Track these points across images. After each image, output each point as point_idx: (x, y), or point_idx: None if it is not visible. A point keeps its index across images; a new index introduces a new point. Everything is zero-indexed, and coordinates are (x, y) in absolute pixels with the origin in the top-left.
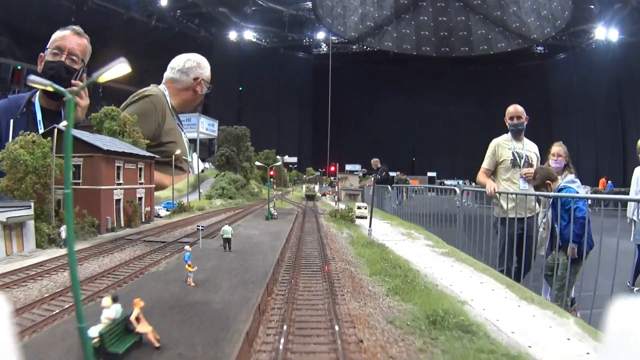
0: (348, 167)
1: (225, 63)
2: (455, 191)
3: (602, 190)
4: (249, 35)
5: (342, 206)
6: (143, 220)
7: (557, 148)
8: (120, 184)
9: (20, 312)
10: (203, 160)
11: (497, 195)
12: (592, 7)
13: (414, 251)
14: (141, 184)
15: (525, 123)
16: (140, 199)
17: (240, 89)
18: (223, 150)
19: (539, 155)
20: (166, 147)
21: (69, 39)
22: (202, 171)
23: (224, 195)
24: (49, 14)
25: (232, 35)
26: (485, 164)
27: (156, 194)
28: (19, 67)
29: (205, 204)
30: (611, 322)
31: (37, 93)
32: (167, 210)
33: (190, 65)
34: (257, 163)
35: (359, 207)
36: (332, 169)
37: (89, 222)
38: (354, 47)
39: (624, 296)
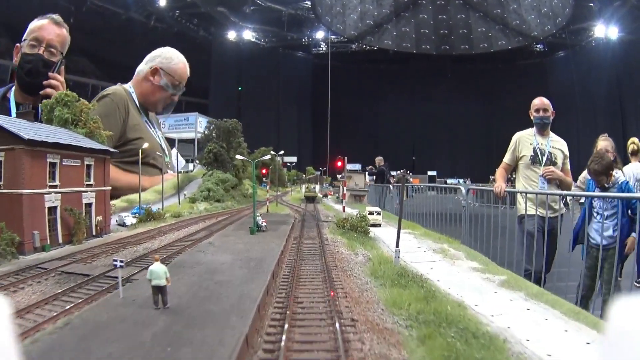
0: (348, 166)
1: (224, 63)
2: (456, 190)
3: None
4: (248, 35)
5: (348, 210)
6: (94, 233)
7: (604, 142)
8: (55, 187)
9: None
10: (192, 161)
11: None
12: (592, 4)
13: (464, 284)
14: (90, 185)
15: (552, 117)
16: (88, 205)
17: (240, 88)
18: (211, 146)
19: (567, 152)
20: (133, 144)
21: (47, 29)
22: (187, 171)
23: (210, 197)
24: (48, 14)
25: (231, 35)
26: (506, 159)
27: (131, 197)
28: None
29: (185, 209)
30: (611, 321)
31: (13, 88)
32: (134, 217)
33: (154, 55)
34: (239, 157)
35: (370, 213)
36: (339, 164)
37: (6, 239)
38: (353, 46)
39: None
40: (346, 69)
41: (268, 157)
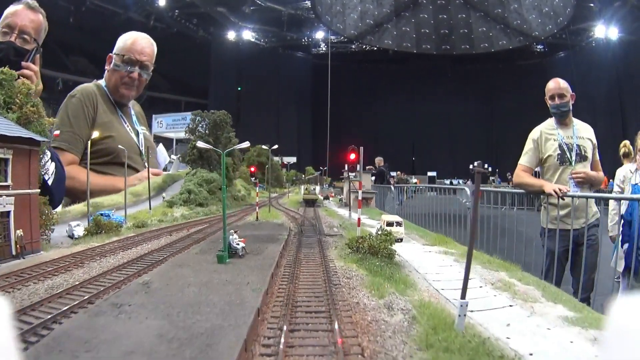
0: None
1: (224, 63)
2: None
3: (605, 189)
4: (248, 35)
5: (355, 216)
6: (13, 252)
7: None
8: None
9: None
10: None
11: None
12: (592, 5)
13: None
14: (4, 187)
15: (572, 102)
16: (4, 215)
17: (240, 88)
18: (195, 141)
19: (594, 140)
20: (103, 143)
21: (20, 15)
22: (165, 169)
23: (191, 201)
24: (47, 14)
25: (231, 35)
26: (525, 161)
27: (97, 200)
28: None
29: (157, 216)
30: (611, 321)
31: None
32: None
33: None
34: (201, 144)
35: (389, 224)
36: (352, 156)
37: None
38: (353, 46)
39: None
40: (346, 69)
41: (246, 144)
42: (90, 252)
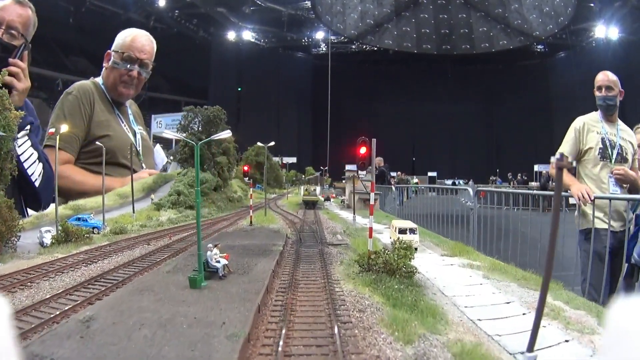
0: (348, 167)
1: (224, 63)
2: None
3: None
4: (248, 35)
5: (361, 220)
6: None
7: None
8: None
9: None
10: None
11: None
12: (592, 5)
13: None
14: None
15: (620, 99)
16: None
17: (240, 89)
18: (187, 138)
19: (636, 146)
20: (99, 142)
21: (8, 9)
22: (164, 169)
23: (180, 203)
24: (47, 14)
25: (231, 35)
26: (564, 150)
27: (79, 202)
28: None
29: (141, 220)
30: (611, 322)
31: None
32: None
33: None
34: (168, 133)
35: (401, 231)
36: (363, 150)
37: None
38: (353, 46)
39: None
40: (346, 69)
41: (226, 133)
42: (48, 267)
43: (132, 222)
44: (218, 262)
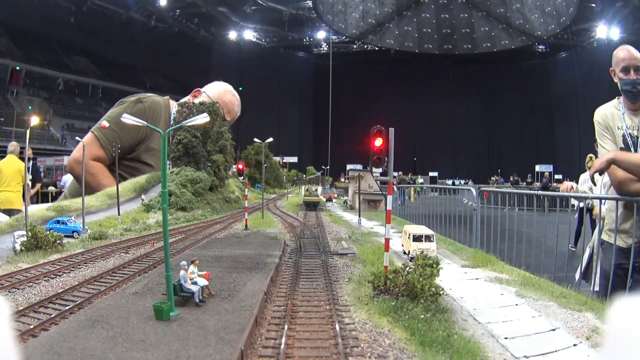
0: (349, 166)
1: (225, 63)
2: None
3: None
4: (249, 34)
5: (369, 225)
6: None
7: None
8: None
9: None
10: None
11: None
12: (594, 5)
13: None
14: None
15: None
16: None
17: (241, 89)
18: (181, 135)
19: None
20: (140, 165)
21: None
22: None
23: (171, 204)
24: (48, 14)
25: (232, 34)
26: (607, 146)
27: (63, 203)
28: (17, 68)
29: (127, 223)
30: (611, 322)
31: None
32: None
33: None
34: (128, 118)
35: (416, 238)
36: (378, 142)
37: None
38: (355, 46)
39: (623, 297)
40: (347, 69)
41: (203, 117)
42: (4, 282)
43: (116, 226)
44: (195, 283)
